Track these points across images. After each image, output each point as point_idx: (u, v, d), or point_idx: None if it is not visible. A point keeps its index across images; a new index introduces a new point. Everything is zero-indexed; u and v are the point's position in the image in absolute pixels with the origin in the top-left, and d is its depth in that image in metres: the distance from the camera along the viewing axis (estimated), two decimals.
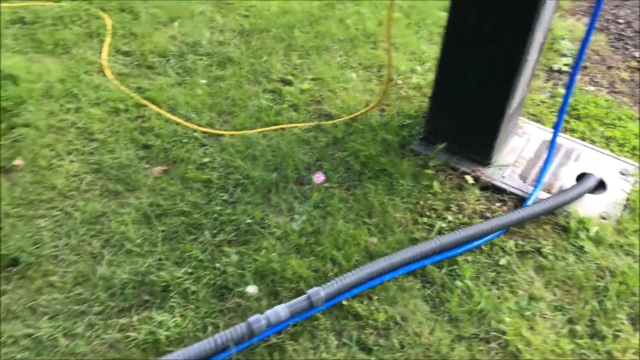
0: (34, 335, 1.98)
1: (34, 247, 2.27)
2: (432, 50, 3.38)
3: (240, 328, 1.93)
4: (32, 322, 2.02)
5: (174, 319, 2.02)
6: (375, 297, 2.09)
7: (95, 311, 2.07)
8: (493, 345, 1.96)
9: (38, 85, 3.05)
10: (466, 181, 2.52)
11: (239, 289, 2.13)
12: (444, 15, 3.60)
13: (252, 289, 2.13)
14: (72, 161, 2.67)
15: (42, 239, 2.31)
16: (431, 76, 3.13)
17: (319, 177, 2.56)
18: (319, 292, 2.01)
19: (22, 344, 1.96)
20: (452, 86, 2.48)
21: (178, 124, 2.86)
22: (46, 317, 2.04)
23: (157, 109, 2.95)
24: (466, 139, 2.57)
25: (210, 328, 2.01)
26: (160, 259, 2.24)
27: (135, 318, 2.04)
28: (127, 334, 1.99)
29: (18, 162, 2.65)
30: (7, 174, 2.60)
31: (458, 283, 2.13)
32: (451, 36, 2.35)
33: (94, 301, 2.09)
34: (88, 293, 2.12)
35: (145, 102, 2.99)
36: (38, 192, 2.51)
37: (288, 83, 3.13)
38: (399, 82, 3.13)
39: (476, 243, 2.26)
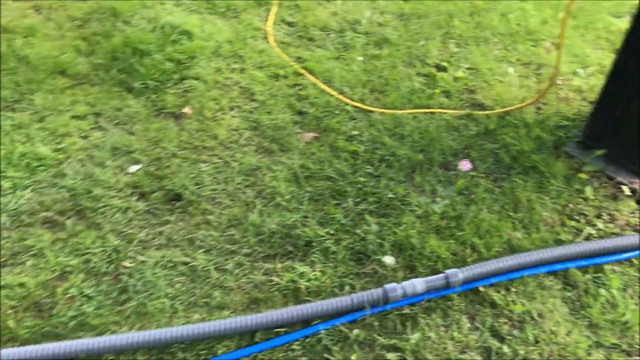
0: (190, 264, 2.18)
1: (196, 187, 2.49)
2: (596, 55, 3.24)
3: (376, 293, 2.01)
4: (189, 252, 2.23)
5: (314, 273, 2.14)
6: (513, 290, 2.08)
7: (244, 252, 2.23)
8: (635, 359, 1.88)
9: (209, 44, 3.30)
10: (622, 191, 2.41)
11: (377, 257, 2.20)
12: (614, 21, 3.44)
13: (389, 259, 2.20)
14: (233, 116, 2.87)
15: (202, 181, 2.52)
16: (594, 81, 3.01)
17: (465, 165, 2.56)
18: (458, 273, 2.04)
19: (180, 270, 2.16)
20: (623, 94, 2.37)
21: (332, 95, 2.98)
22: (201, 250, 2.24)
23: (314, 80, 3.08)
24: (628, 149, 2.45)
25: (347, 287, 2.10)
26: (305, 217, 2.36)
27: (279, 265, 2.19)
28: (271, 278, 2.14)
29: (187, 110, 2.90)
30: (177, 120, 2.85)
31: (602, 291, 2.06)
32: (633, 43, 2.25)
33: (244, 244, 2.26)
34: (239, 235, 2.29)
35: (303, 71, 3.14)
36: (202, 139, 2.73)
37: (442, 69, 3.15)
38: (559, 82, 3.03)
39: (627, 255, 2.16)
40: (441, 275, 2.06)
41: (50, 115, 2.82)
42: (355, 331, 1.95)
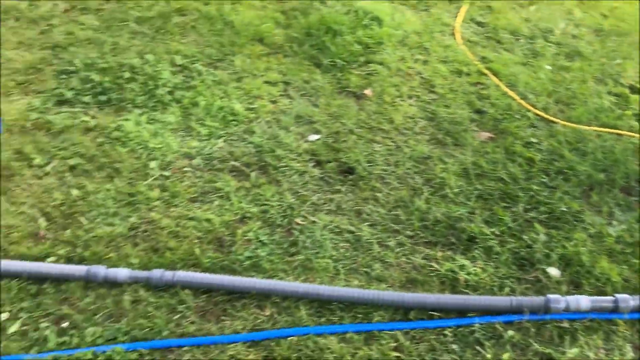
0: (355, 233, 2.29)
1: (368, 164, 2.59)
2: None
3: (538, 300, 1.98)
4: (355, 222, 2.34)
5: (474, 268, 2.15)
6: None
7: (407, 234, 2.30)
8: None
9: (397, 32, 3.40)
10: None
11: (541, 267, 2.16)
12: None
13: (554, 271, 2.15)
14: (411, 104, 2.94)
15: (374, 160, 2.62)
16: None
17: None
18: (629, 300, 1.95)
19: (345, 237, 2.28)
20: None
21: (514, 99, 2.94)
22: (367, 223, 2.34)
23: (497, 81, 3.06)
24: None
25: (506, 289, 2.09)
26: (472, 213, 2.37)
27: (439, 254, 2.22)
28: (430, 263, 2.18)
29: (368, 91, 3.02)
30: (358, 99, 2.98)
31: None
32: None
33: (407, 226, 2.33)
34: (404, 217, 2.36)
35: (487, 72, 3.13)
36: (379, 121, 2.84)
37: (637, 91, 2.97)
38: None
39: None
40: (610, 297, 1.98)
41: (247, 77, 3.08)
42: (510, 332, 1.94)
